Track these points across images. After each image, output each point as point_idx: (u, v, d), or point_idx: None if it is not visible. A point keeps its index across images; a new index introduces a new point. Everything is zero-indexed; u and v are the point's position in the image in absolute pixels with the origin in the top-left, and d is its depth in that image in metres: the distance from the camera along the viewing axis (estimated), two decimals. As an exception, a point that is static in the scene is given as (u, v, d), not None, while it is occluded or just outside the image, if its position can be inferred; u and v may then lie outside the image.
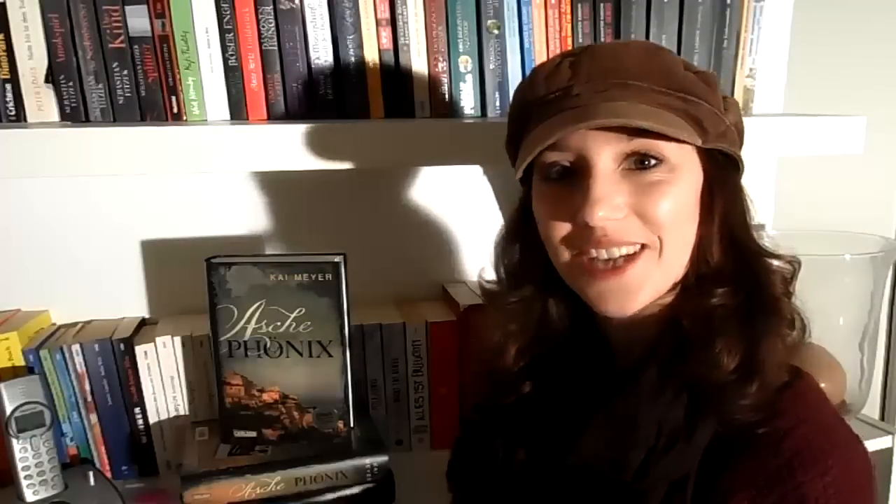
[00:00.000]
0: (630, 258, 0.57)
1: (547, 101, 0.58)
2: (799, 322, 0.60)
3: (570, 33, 0.90)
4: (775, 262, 0.60)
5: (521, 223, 0.64)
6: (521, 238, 0.66)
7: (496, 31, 0.88)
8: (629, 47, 0.60)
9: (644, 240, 0.56)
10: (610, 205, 0.55)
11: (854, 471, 0.55)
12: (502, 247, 0.68)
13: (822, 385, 0.96)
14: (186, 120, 0.83)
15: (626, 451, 0.57)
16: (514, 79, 0.90)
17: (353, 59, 0.85)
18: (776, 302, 0.58)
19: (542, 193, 0.60)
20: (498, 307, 0.68)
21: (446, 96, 0.89)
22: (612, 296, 0.58)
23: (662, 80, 0.56)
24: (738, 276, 0.58)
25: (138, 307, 1.05)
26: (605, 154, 0.55)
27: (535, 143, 0.56)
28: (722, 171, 0.59)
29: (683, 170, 0.57)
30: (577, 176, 0.57)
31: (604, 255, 0.57)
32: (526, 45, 0.89)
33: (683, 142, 0.55)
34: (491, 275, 0.71)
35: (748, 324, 0.57)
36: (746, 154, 0.64)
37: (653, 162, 0.55)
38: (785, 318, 0.58)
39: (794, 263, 0.61)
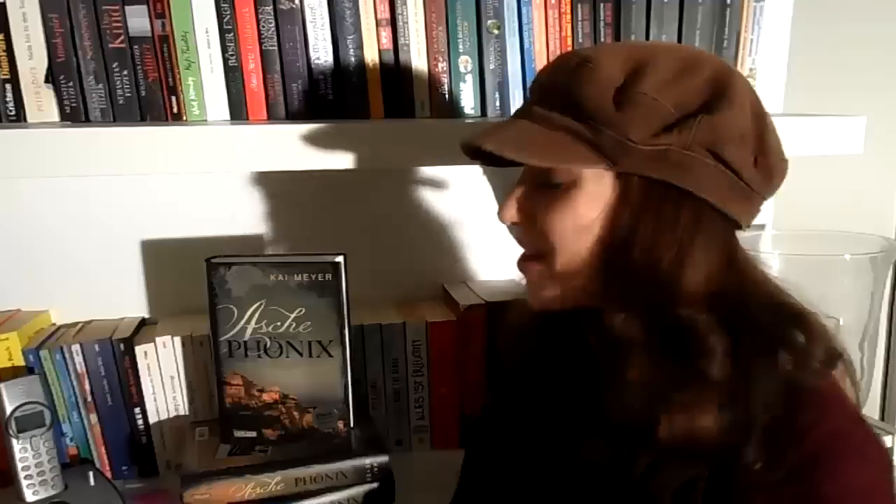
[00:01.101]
0: (532, 259, 0.63)
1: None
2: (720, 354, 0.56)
3: (570, 33, 0.90)
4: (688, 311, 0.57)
5: None
6: None
7: (496, 31, 0.88)
8: (570, 59, 0.60)
9: (537, 247, 0.62)
10: (511, 211, 0.63)
11: (872, 473, 0.54)
12: None
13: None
14: (186, 120, 0.83)
15: (634, 454, 0.57)
16: (515, 79, 0.90)
17: (353, 59, 0.85)
18: (686, 331, 0.56)
19: None
20: None
21: (446, 96, 0.89)
22: (528, 289, 0.65)
23: (566, 100, 0.58)
24: (644, 306, 0.57)
25: (138, 307, 1.05)
26: (528, 169, 0.64)
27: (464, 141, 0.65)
28: (638, 197, 0.57)
29: (583, 190, 0.58)
30: None
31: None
32: (526, 45, 0.89)
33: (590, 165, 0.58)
34: None
35: (653, 354, 0.56)
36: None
37: (554, 179, 0.60)
38: (706, 350, 0.55)
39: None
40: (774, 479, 0.53)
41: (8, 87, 0.80)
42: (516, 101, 0.90)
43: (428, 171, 1.10)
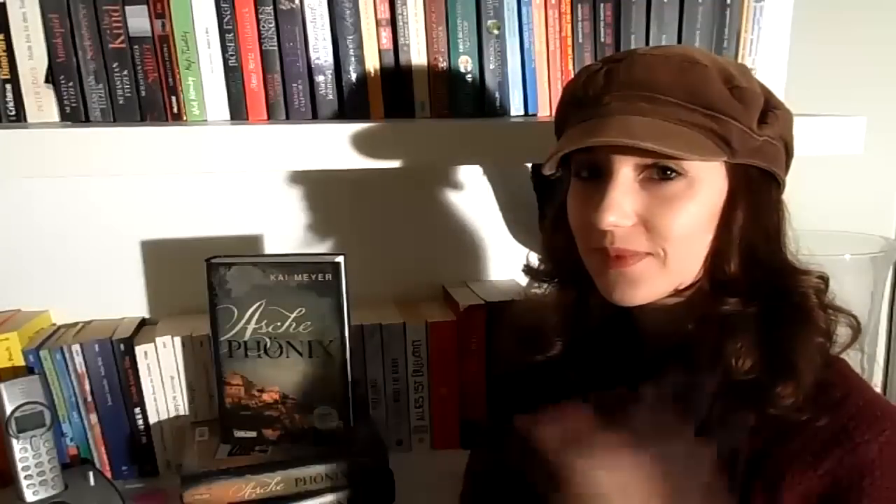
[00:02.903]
0: (635, 256, 0.60)
1: (582, 105, 0.62)
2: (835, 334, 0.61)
3: (569, 33, 0.90)
4: (804, 277, 0.61)
5: (564, 213, 0.67)
6: (563, 226, 0.68)
7: (496, 31, 0.88)
8: (668, 59, 0.59)
9: (648, 250, 0.59)
10: (619, 212, 0.58)
11: None
12: (549, 233, 0.71)
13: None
14: (186, 120, 0.83)
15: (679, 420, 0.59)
16: (514, 79, 0.90)
17: (353, 59, 0.85)
18: (804, 312, 0.59)
19: (573, 190, 0.64)
20: (541, 288, 0.73)
21: (446, 96, 0.89)
22: (617, 284, 0.61)
23: (691, 95, 0.58)
24: (755, 288, 0.60)
25: (138, 307, 1.05)
26: (626, 165, 0.58)
27: (558, 147, 0.60)
28: (749, 186, 0.60)
29: (704, 183, 0.58)
30: (602, 178, 0.60)
31: (612, 250, 0.60)
32: (526, 45, 0.89)
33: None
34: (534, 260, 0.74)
35: (768, 330, 0.59)
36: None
37: (672, 174, 0.58)
38: (816, 327, 0.60)
39: (824, 278, 0.63)
40: (814, 446, 0.56)
41: (8, 87, 0.80)
42: (516, 101, 0.90)
43: (428, 171, 1.10)
